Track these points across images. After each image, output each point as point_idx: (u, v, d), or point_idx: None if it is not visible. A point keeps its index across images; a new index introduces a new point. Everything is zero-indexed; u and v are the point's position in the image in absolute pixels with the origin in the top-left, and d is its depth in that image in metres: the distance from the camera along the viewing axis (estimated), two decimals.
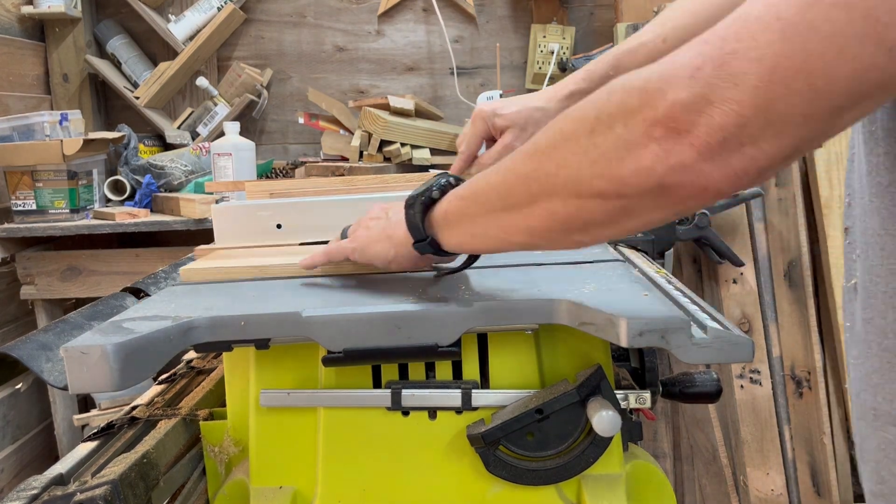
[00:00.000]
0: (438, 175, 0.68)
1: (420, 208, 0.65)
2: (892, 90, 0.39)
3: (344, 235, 0.79)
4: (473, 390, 0.68)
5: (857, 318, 0.55)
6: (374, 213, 0.75)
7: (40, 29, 2.20)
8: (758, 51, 0.39)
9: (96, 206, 1.92)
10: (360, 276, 0.80)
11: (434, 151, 1.95)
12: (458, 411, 0.68)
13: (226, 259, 0.87)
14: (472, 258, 0.74)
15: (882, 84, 0.38)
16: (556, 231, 0.53)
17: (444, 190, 0.64)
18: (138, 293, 0.81)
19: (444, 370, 0.69)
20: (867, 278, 0.53)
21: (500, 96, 1.53)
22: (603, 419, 0.62)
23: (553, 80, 2.26)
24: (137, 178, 1.98)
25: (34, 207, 1.81)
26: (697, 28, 0.80)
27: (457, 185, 0.64)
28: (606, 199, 0.47)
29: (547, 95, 0.90)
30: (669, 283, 0.76)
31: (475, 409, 0.68)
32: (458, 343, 0.63)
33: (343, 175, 1.80)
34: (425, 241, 0.65)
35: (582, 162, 0.48)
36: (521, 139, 0.89)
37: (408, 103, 1.95)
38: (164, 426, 0.75)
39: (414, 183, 1.09)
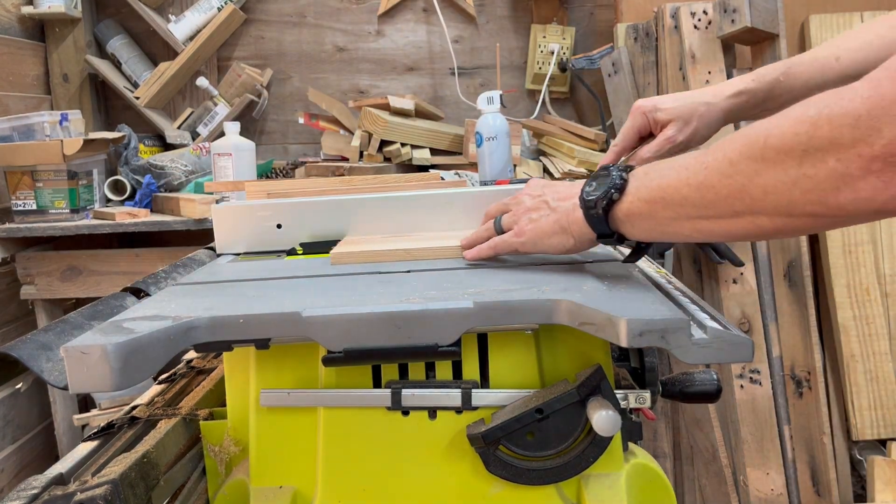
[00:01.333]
0: (604, 172, 0.70)
1: (602, 209, 0.68)
2: None
3: (498, 227, 0.81)
4: (473, 390, 0.68)
5: None
6: (530, 204, 0.78)
7: (40, 29, 2.20)
8: None
9: (96, 206, 1.92)
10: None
11: (434, 151, 1.95)
12: (458, 411, 0.68)
13: (367, 244, 0.90)
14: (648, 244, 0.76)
15: None
16: (760, 237, 0.58)
17: (621, 189, 0.67)
18: (138, 293, 0.81)
19: (444, 370, 0.69)
20: None
21: (500, 96, 1.53)
22: (603, 419, 0.62)
23: (553, 80, 2.27)
24: (137, 178, 1.98)
25: (34, 207, 1.81)
26: (871, 53, 0.85)
27: (628, 179, 0.67)
28: (818, 218, 0.52)
29: (713, 91, 0.91)
30: (669, 283, 0.77)
31: (475, 408, 0.68)
32: (458, 343, 0.63)
33: (343, 175, 1.80)
34: (612, 237, 0.70)
35: (793, 191, 0.51)
36: (683, 133, 0.90)
37: (408, 103, 1.95)
38: (164, 426, 0.75)
39: (414, 183, 1.09)
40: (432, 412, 0.69)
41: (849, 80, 0.88)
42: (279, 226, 0.98)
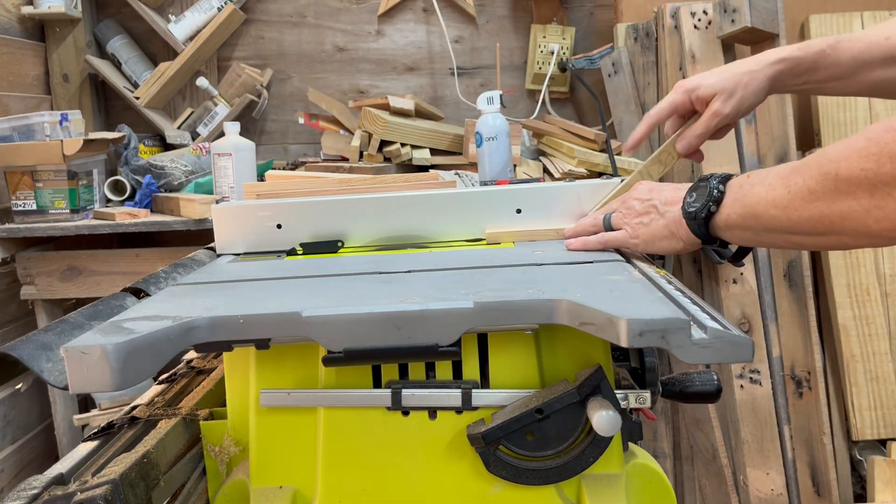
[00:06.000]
0: (703, 183, 0.76)
1: (703, 219, 0.75)
2: None
3: (608, 223, 0.88)
4: (473, 390, 0.68)
5: None
6: (640, 208, 0.84)
7: (40, 29, 2.20)
8: None
9: (96, 207, 1.92)
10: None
11: (434, 151, 1.95)
12: (458, 411, 0.68)
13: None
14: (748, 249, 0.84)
15: None
16: (845, 248, 0.68)
17: (718, 201, 0.74)
18: (138, 293, 0.81)
19: (444, 370, 0.69)
20: None
21: (500, 97, 1.52)
22: (603, 419, 0.62)
23: (553, 80, 2.27)
24: (137, 178, 1.98)
25: (34, 207, 1.81)
26: None
27: (725, 191, 0.74)
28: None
29: (755, 59, 0.93)
30: (669, 283, 0.76)
31: (475, 408, 0.68)
32: (458, 343, 0.63)
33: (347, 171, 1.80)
34: (715, 243, 0.77)
35: (867, 219, 0.59)
36: (729, 104, 0.92)
37: (408, 103, 1.95)
38: (164, 426, 0.75)
39: (413, 184, 1.09)
40: (432, 412, 0.69)
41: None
42: (279, 226, 0.98)
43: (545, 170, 1.89)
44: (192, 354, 1.04)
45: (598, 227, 0.89)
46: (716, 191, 0.74)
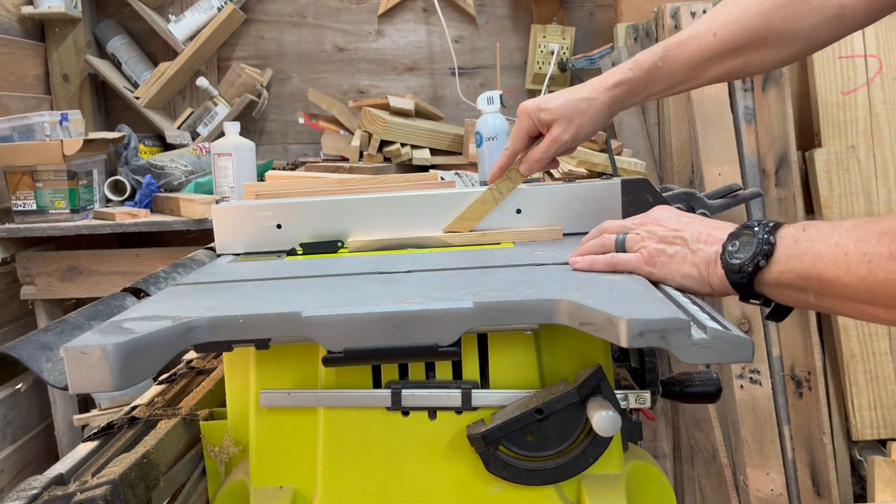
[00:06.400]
0: (748, 231, 0.66)
1: (748, 274, 0.65)
2: None
3: (620, 245, 0.76)
4: (473, 390, 0.68)
5: None
6: (662, 235, 0.73)
7: (40, 29, 2.20)
8: None
9: (96, 207, 1.92)
10: (366, 274, 0.80)
11: (434, 151, 1.95)
12: (458, 411, 0.68)
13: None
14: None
15: None
16: None
17: (768, 255, 0.64)
18: (138, 293, 0.81)
19: (444, 370, 0.69)
20: None
21: (501, 96, 1.52)
22: (603, 419, 0.62)
23: (553, 80, 2.27)
24: (137, 178, 1.98)
25: (34, 207, 1.81)
26: (748, 23, 0.84)
27: (776, 244, 0.64)
28: None
29: (592, 86, 0.92)
30: None
31: (475, 409, 0.68)
32: (458, 343, 0.63)
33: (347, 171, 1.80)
34: (758, 300, 0.67)
35: None
36: (568, 131, 0.91)
37: (408, 103, 1.95)
38: (164, 426, 0.75)
39: (413, 184, 1.09)
40: (432, 412, 0.69)
41: (727, 53, 0.89)
42: (279, 226, 0.98)
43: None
44: (192, 354, 1.04)
45: (609, 248, 0.78)
46: (766, 243, 0.64)
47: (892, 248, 0.55)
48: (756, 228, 0.65)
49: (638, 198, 0.97)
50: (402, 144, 1.88)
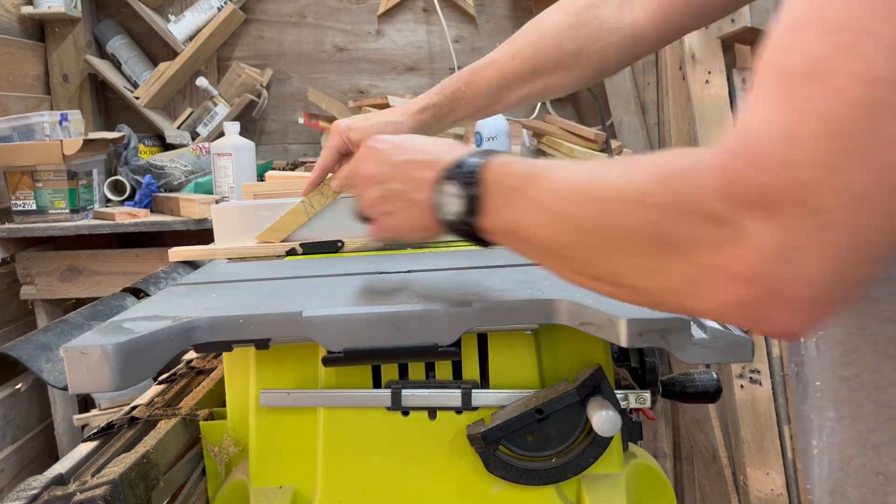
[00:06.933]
0: (458, 172, 0.56)
1: (465, 231, 0.58)
2: None
3: (357, 215, 0.72)
4: (473, 390, 0.68)
5: (826, 377, 0.51)
6: (378, 193, 0.67)
7: (40, 29, 2.20)
8: None
9: (96, 207, 1.92)
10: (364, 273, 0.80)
11: None
12: (458, 411, 0.68)
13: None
14: None
15: None
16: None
17: (473, 210, 0.55)
18: (138, 293, 0.81)
19: (444, 370, 0.69)
20: (843, 331, 0.48)
21: None
22: (603, 419, 0.62)
23: None
24: (137, 178, 1.98)
25: (34, 207, 1.81)
26: (543, 46, 0.85)
27: (479, 195, 0.55)
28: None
29: (401, 110, 0.92)
30: None
31: (475, 409, 0.68)
32: (458, 343, 0.63)
33: None
34: (485, 246, 0.59)
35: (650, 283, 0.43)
36: None
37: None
38: (164, 426, 0.75)
39: None
40: (432, 412, 0.69)
41: (527, 76, 0.89)
42: None
43: None
44: (191, 354, 1.04)
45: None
46: (468, 198, 0.55)
47: (575, 211, 0.45)
48: (459, 176, 0.56)
49: None
50: None
